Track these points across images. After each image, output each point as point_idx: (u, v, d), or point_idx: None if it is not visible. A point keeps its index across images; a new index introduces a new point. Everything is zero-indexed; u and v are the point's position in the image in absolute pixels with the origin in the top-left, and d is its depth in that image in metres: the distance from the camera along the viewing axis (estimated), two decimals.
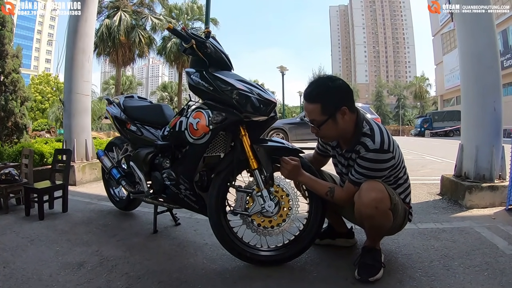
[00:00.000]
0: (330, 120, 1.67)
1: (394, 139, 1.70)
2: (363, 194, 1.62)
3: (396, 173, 1.76)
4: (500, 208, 2.94)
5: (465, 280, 1.65)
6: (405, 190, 1.83)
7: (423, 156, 8.36)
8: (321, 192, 1.79)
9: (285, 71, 23.86)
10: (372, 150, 1.61)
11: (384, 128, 1.70)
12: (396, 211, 1.68)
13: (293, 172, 1.80)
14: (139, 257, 1.99)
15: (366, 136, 1.65)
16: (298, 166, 1.80)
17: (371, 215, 1.62)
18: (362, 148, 1.65)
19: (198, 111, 1.92)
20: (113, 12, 21.79)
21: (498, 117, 3.15)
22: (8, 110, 6.33)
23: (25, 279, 1.69)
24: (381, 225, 1.68)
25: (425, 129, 28.79)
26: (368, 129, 1.67)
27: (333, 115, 1.67)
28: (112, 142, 3.06)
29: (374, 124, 1.70)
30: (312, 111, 1.70)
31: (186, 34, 1.88)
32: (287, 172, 1.81)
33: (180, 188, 2.04)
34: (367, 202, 1.60)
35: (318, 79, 1.76)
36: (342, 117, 1.67)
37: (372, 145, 1.61)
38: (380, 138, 1.62)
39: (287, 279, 1.71)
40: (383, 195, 1.61)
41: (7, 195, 2.96)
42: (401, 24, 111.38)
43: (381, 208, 1.60)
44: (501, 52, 22.92)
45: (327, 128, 1.70)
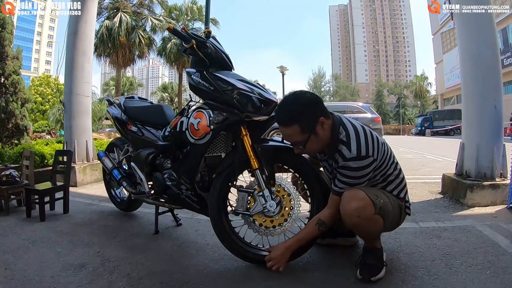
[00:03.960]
0: (312, 135, 1.63)
1: (377, 137, 1.66)
2: (344, 204, 1.62)
3: (383, 170, 1.72)
4: (501, 206, 2.94)
5: (467, 278, 1.65)
6: (398, 185, 1.79)
7: (424, 155, 8.35)
8: (314, 235, 1.75)
9: (285, 71, 23.80)
10: (349, 159, 1.60)
11: (362, 129, 1.66)
12: (384, 213, 1.65)
13: (283, 258, 1.74)
14: (140, 258, 1.98)
15: (342, 143, 1.63)
16: (282, 254, 1.73)
17: (356, 223, 1.62)
18: (339, 157, 1.64)
19: (199, 111, 1.91)
20: (113, 13, 21.76)
21: (499, 116, 3.15)
22: (9, 111, 6.35)
23: (26, 281, 1.69)
24: (370, 231, 1.68)
25: (425, 128, 28.77)
26: (344, 135, 1.64)
27: (314, 129, 1.62)
28: (113, 143, 3.06)
29: (351, 129, 1.65)
30: (291, 134, 1.65)
31: (187, 34, 1.87)
32: (281, 263, 1.74)
33: (181, 189, 2.04)
34: (349, 212, 1.60)
35: (286, 100, 1.68)
36: (321, 128, 1.63)
37: (349, 154, 1.59)
38: (356, 145, 1.59)
39: (289, 279, 1.70)
40: (364, 203, 1.59)
41: (8, 197, 2.96)
42: (401, 23, 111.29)
43: (363, 216, 1.58)
44: (501, 50, 22.92)
45: (311, 144, 1.66)
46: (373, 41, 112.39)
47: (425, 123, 29.41)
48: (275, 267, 1.72)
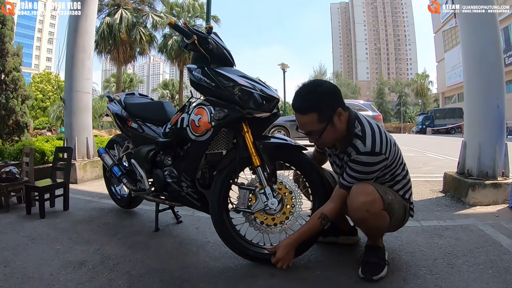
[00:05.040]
0: (329, 126, 1.62)
1: (389, 137, 1.66)
2: (352, 198, 1.60)
3: (392, 170, 1.72)
4: (503, 205, 2.93)
5: (469, 278, 1.64)
6: (404, 186, 1.79)
7: (425, 154, 8.33)
8: (317, 229, 1.74)
9: (286, 68, 23.78)
10: (363, 153, 1.58)
11: (377, 127, 1.65)
12: (391, 210, 1.65)
13: (289, 255, 1.74)
14: (140, 255, 1.98)
15: (357, 137, 1.62)
16: (287, 252, 1.73)
17: (364, 218, 1.60)
18: (353, 151, 1.62)
19: (200, 107, 1.90)
20: (113, 10, 21.74)
21: (501, 115, 3.13)
22: (9, 108, 6.33)
23: (25, 278, 1.68)
24: (377, 227, 1.67)
25: (426, 126, 28.68)
26: (359, 130, 1.63)
27: (331, 119, 1.61)
28: (113, 139, 3.04)
29: (366, 124, 1.65)
30: (308, 123, 1.63)
31: (188, 29, 1.85)
32: (289, 260, 1.75)
33: (181, 186, 2.03)
34: (357, 206, 1.58)
35: (305, 87, 1.66)
36: (339, 119, 1.62)
37: (363, 148, 1.58)
38: (372, 140, 1.59)
39: (291, 277, 1.69)
40: (373, 197, 1.58)
41: (8, 194, 2.95)
42: (402, 21, 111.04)
43: (372, 211, 1.57)
44: (503, 49, 22.83)
45: (327, 135, 1.64)
46: (375, 39, 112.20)
47: (426, 121, 29.33)
48: (285, 266, 1.72)
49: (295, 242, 1.74)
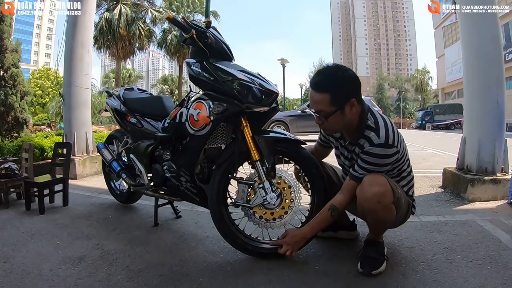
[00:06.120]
0: (338, 112, 1.61)
1: (399, 132, 1.66)
2: (365, 188, 1.59)
3: (400, 165, 1.73)
4: (502, 201, 2.93)
5: (468, 273, 1.64)
6: (409, 182, 1.81)
7: (425, 149, 8.33)
8: (327, 221, 1.75)
9: (285, 63, 23.71)
10: (377, 145, 1.58)
11: (389, 121, 1.66)
12: (399, 204, 1.65)
13: (297, 245, 1.76)
14: (139, 250, 1.98)
15: (370, 129, 1.62)
16: (297, 242, 1.75)
17: (374, 209, 1.60)
18: (366, 142, 1.62)
19: (199, 102, 1.89)
20: (112, 5, 21.59)
21: (501, 110, 3.12)
22: (8, 104, 6.33)
23: (25, 274, 1.68)
24: (384, 220, 1.66)
25: (426, 122, 28.64)
26: (372, 121, 1.63)
27: (342, 106, 1.61)
28: (112, 135, 3.04)
29: (379, 117, 1.66)
30: (320, 101, 1.62)
31: (187, 24, 1.84)
32: (294, 248, 1.75)
33: (180, 181, 2.03)
34: (369, 196, 1.57)
35: (328, 68, 1.68)
36: (350, 109, 1.62)
37: (377, 140, 1.58)
38: (385, 132, 1.59)
39: (289, 272, 1.69)
40: (386, 189, 1.58)
41: (7, 190, 2.95)
42: (403, 17, 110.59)
43: (383, 202, 1.57)
44: (503, 45, 22.73)
45: (334, 120, 1.64)
46: (374, 34, 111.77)
47: (425, 117, 29.29)
48: (288, 252, 1.72)
49: (307, 235, 1.76)
